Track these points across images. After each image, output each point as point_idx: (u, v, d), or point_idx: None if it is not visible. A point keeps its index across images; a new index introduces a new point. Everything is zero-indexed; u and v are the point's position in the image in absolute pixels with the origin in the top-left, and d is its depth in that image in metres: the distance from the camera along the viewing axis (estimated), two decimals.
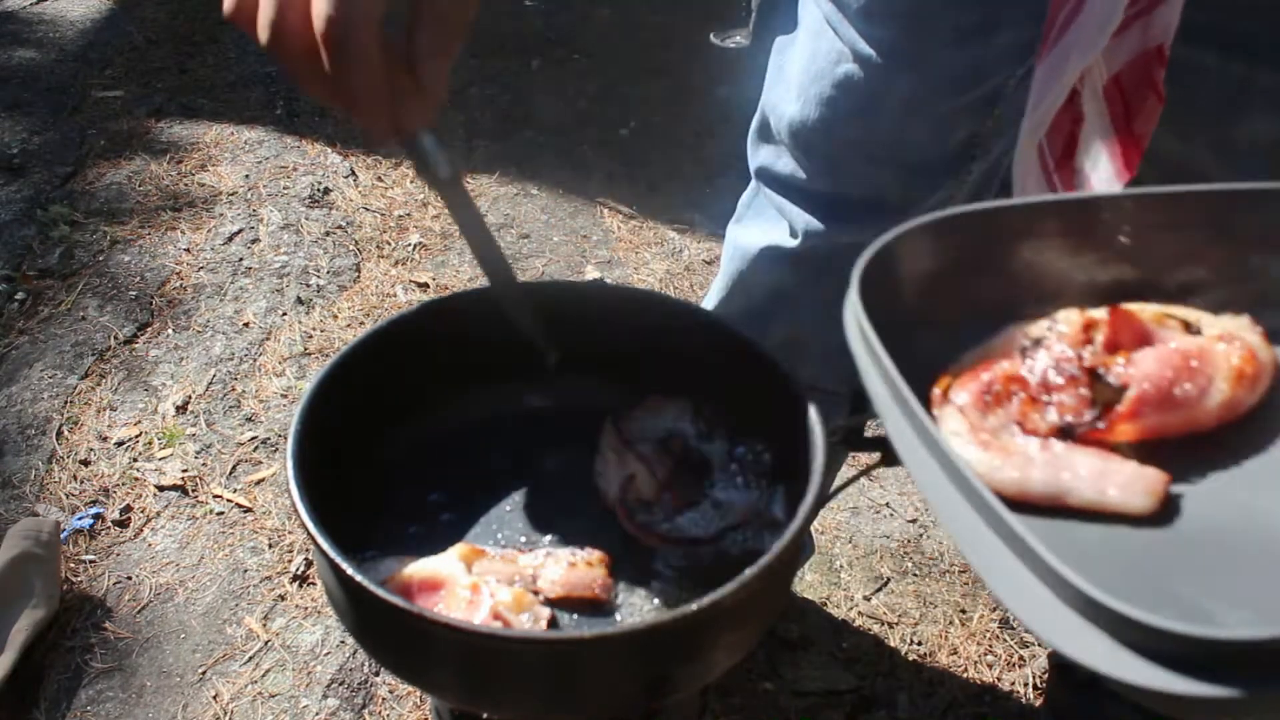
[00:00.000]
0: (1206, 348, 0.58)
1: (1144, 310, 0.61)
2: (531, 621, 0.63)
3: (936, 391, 0.60)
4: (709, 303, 1.21)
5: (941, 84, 0.93)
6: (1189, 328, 0.60)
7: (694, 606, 0.54)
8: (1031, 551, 0.44)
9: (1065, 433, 0.56)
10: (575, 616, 0.66)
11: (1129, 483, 0.53)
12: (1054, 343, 0.59)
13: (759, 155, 1.10)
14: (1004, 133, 1.00)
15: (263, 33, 0.57)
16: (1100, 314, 0.60)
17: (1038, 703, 1.41)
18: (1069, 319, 0.60)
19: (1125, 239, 0.63)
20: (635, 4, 3.35)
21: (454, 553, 0.66)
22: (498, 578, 0.65)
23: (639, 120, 2.77)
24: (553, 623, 0.64)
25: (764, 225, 1.12)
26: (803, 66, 1.00)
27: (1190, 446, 0.56)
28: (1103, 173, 0.89)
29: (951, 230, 0.62)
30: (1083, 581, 0.42)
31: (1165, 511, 0.53)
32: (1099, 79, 0.84)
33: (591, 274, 2.22)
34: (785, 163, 1.05)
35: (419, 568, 0.64)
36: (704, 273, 2.22)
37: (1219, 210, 0.63)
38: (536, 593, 0.65)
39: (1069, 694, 1.39)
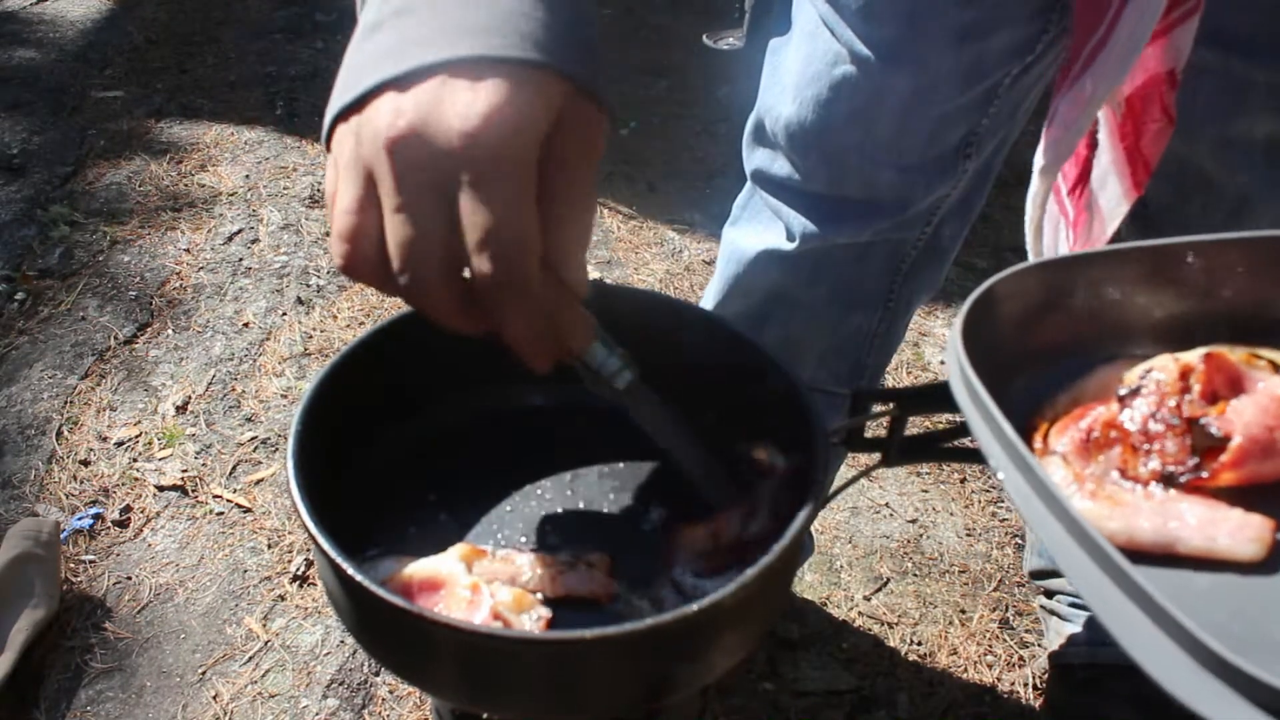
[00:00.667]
0: None
1: (1234, 352, 0.62)
2: (532, 622, 0.63)
3: (1037, 440, 0.60)
4: (705, 305, 1.21)
5: (940, 84, 0.93)
6: (1278, 369, 0.61)
7: (694, 607, 0.54)
8: (1163, 611, 0.44)
9: (1167, 480, 0.57)
10: (576, 616, 0.66)
11: (1237, 530, 0.53)
12: (1152, 391, 0.60)
13: (754, 158, 1.10)
14: (997, 130, 1.00)
15: (413, 288, 0.52)
16: (1195, 360, 0.61)
17: (1038, 703, 1.41)
18: (1165, 367, 0.61)
19: (1204, 280, 0.65)
20: (635, 4, 3.35)
21: (454, 553, 0.66)
22: (498, 578, 0.65)
23: (639, 120, 2.77)
24: (553, 623, 0.64)
25: (760, 228, 1.12)
26: (798, 68, 0.99)
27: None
28: (1111, 192, 0.90)
29: (1042, 276, 0.63)
30: (1220, 646, 0.42)
31: (1272, 558, 0.53)
32: (1114, 102, 0.84)
33: (591, 274, 2.22)
34: (781, 165, 1.05)
35: (419, 568, 0.64)
36: (704, 273, 2.22)
37: None
38: (537, 593, 0.65)
39: (1069, 694, 1.39)
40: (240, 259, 2.17)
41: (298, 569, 1.53)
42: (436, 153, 0.48)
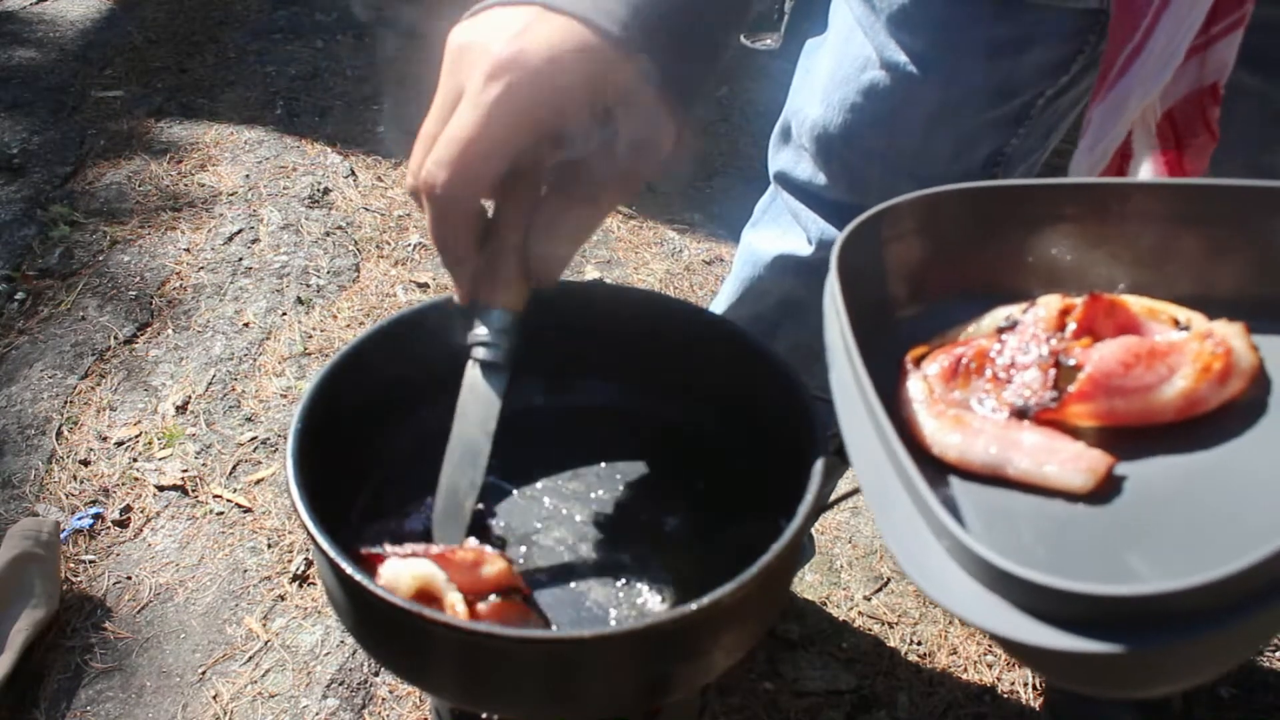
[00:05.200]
0: (1179, 342, 0.58)
1: (1134, 303, 0.61)
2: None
3: (909, 359, 0.60)
4: (717, 306, 1.20)
5: (969, 97, 0.92)
6: (1178, 324, 0.60)
7: (693, 606, 0.54)
8: (926, 504, 0.45)
9: (1023, 412, 0.57)
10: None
11: (1069, 460, 0.53)
12: (1028, 325, 0.60)
13: (779, 159, 1.08)
14: (1028, 154, 0.98)
15: (406, 180, 0.58)
16: (1079, 300, 0.60)
17: (1038, 703, 1.41)
18: (1049, 303, 0.61)
19: (1137, 233, 0.63)
20: None
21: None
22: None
23: None
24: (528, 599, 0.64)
25: (779, 231, 1.10)
26: (829, 70, 0.98)
27: (1155, 438, 0.56)
28: None
29: (943, 207, 0.63)
30: (960, 530, 0.43)
31: (1104, 492, 0.53)
32: (1153, 116, 0.82)
33: (591, 274, 2.22)
34: (805, 168, 1.04)
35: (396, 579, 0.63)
36: (704, 273, 2.22)
37: (1233, 208, 0.62)
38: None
39: (1069, 694, 1.39)
40: (240, 259, 2.17)
41: (298, 569, 1.53)
42: (466, 63, 0.55)
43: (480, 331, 0.63)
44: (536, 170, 0.59)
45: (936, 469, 0.55)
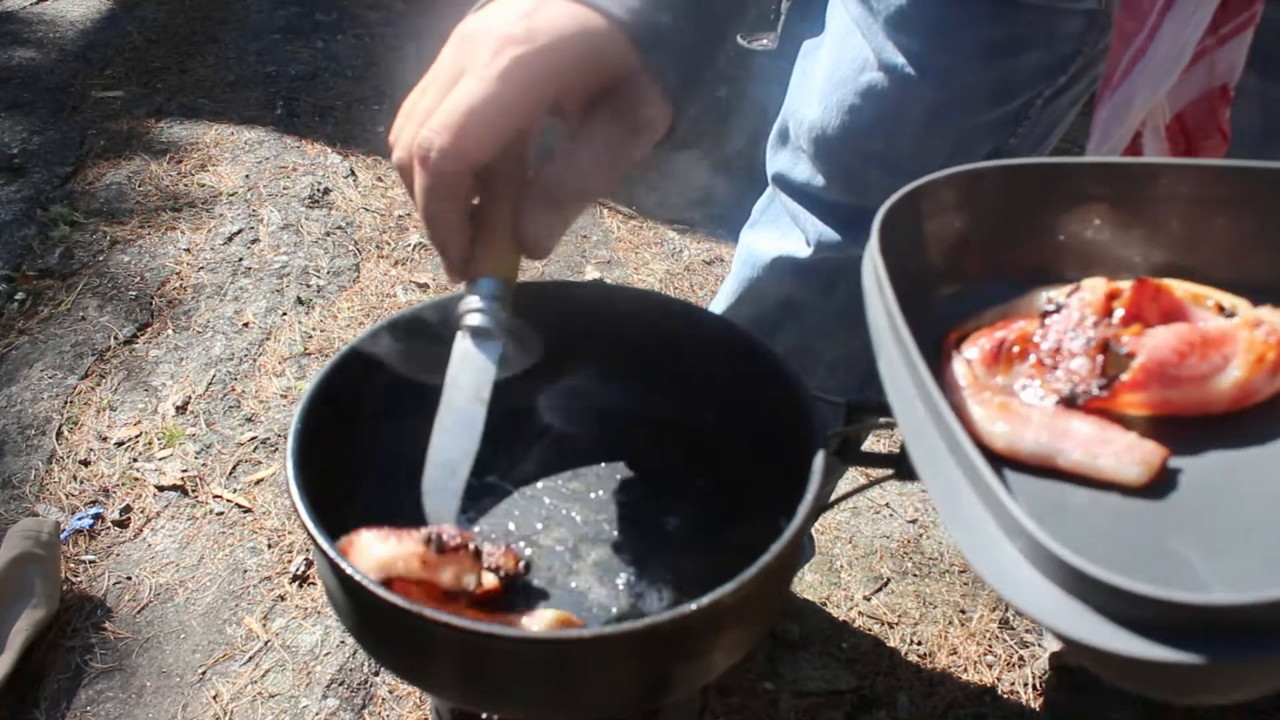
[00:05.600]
0: (1230, 330, 0.56)
1: (1179, 287, 0.59)
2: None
3: (949, 343, 0.59)
4: (717, 306, 1.20)
5: (966, 98, 0.92)
6: (1223, 310, 0.58)
7: (693, 606, 0.54)
8: (999, 503, 0.43)
9: (1069, 400, 0.55)
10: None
11: (1123, 451, 0.52)
12: (1073, 309, 0.58)
13: (777, 160, 1.08)
14: (1027, 153, 0.97)
15: (395, 153, 0.57)
16: (1126, 284, 0.58)
17: (1038, 703, 1.41)
18: (1094, 286, 0.59)
19: (1174, 216, 0.61)
20: None
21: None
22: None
23: None
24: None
25: (778, 233, 1.10)
26: (827, 72, 0.98)
27: (1205, 428, 0.54)
28: None
29: (984, 183, 0.61)
30: (1039, 530, 0.41)
31: (1160, 485, 0.51)
32: (1162, 118, 0.82)
33: (591, 274, 2.22)
34: (803, 169, 1.04)
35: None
36: (704, 273, 2.22)
37: (1269, 191, 0.60)
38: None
39: (1069, 694, 1.39)
40: (240, 259, 2.17)
41: (298, 569, 1.53)
42: (469, 45, 0.55)
43: (471, 300, 0.61)
44: (524, 149, 0.59)
45: (985, 458, 0.54)
